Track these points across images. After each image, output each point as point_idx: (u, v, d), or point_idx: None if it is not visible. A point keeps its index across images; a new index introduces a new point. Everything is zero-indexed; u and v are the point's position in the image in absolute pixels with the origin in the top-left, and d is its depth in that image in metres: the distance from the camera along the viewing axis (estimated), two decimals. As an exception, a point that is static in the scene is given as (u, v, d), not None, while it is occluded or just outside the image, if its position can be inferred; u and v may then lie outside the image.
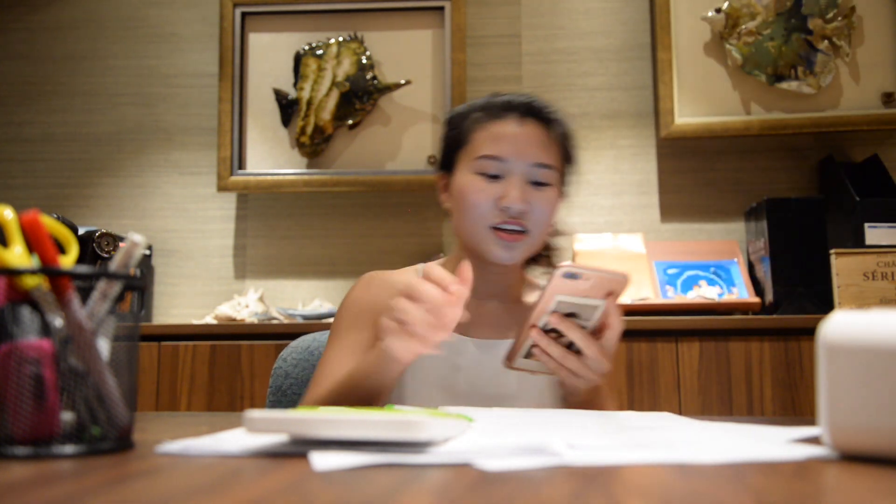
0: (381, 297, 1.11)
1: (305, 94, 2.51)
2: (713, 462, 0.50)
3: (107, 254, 0.79)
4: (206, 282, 2.52)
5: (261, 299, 2.31)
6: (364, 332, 1.10)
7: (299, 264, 2.51)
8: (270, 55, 2.54)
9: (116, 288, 0.58)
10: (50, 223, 0.58)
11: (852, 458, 0.52)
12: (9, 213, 0.58)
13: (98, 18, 2.65)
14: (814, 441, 0.58)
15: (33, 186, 2.60)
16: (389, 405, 0.99)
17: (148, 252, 2.47)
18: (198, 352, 1.99)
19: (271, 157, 2.51)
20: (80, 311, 0.56)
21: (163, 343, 2.00)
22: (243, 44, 2.54)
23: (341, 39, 2.52)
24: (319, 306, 2.34)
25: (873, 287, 1.91)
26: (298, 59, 2.52)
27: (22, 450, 0.52)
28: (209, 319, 2.27)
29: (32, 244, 0.56)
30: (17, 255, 0.57)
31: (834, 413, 0.52)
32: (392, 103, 2.51)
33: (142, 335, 0.63)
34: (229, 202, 2.56)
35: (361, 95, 2.49)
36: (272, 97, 2.53)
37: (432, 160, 2.45)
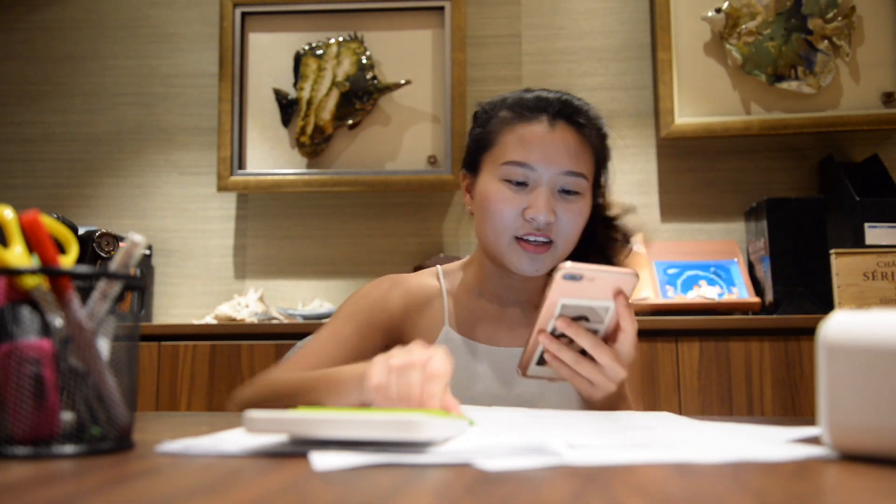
0: (390, 298, 1.09)
1: (305, 94, 2.51)
2: (713, 462, 0.50)
3: (107, 254, 0.79)
4: (206, 282, 2.52)
5: (261, 299, 2.31)
6: (359, 329, 1.06)
7: (299, 264, 2.51)
8: (270, 55, 2.54)
9: (116, 288, 0.58)
10: (50, 223, 0.58)
11: (852, 458, 0.52)
12: (9, 213, 0.58)
13: (98, 18, 2.65)
14: (814, 441, 0.58)
15: (33, 186, 2.60)
16: None
17: (148, 252, 2.47)
18: (198, 352, 1.99)
19: (271, 157, 2.51)
20: (80, 311, 0.56)
21: (163, 343, 2.00)
22: (243, 44, 2.54)
23: (341, 39, 2.52)
24: (319, 306, 2.34)
25: (873, 287, 1.91)
26: (298, 59, 2.52)
27: (22, 450, 0.52)
28: (209, 319, 2.27)
29: (32, 244, 0.56)
30: (17, 255, 0.57)
31: (834, 413, 0.52)
32: (392, 103, 2.51)
33: (142, 335, 0.63)
34: (229, 202, 2.56)
35: (361, 95, 2.49)
36: (272, 97, 2.53)
37: (432, 160, 2.45)
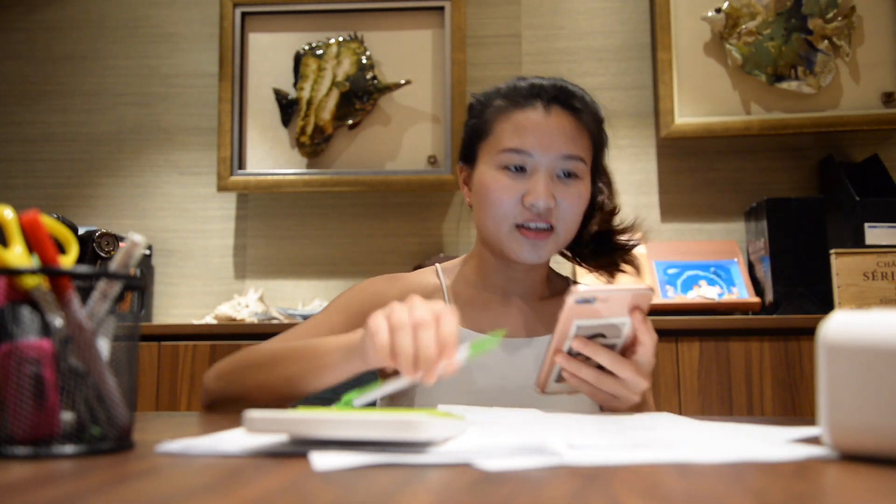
0: (387, 293, 1.07)
1: (305, 94, 2.51)
2: (713, 462, 0.50)
3: (107, 254, 0.79)
4: (206, 282, 2.52)
5: (261, 299, 2.31)
6: (351, 319, 1.04)
7: (299, 264, 2.51)
8: (270, 55, 2.54)
9: (116, 288, 0.58)
10: (50, 223, 0.58)
11: (852, 458, 0.52)
12: (9, 213, 0.58)
13: (98, 18, 2.65)
14: (814, 441, 0.58)
15: (33, 186, 2.60)
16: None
17: (148, 252, 2.47)
18: (198, 352, 1.99)
19: (271, 157, 2.51)
20: (80, 311, 0.56)
21: (163, 343, 2.00)
22: (243, 44, 2.54)
23: (341, 39, 2.52)
24: (319, 306, 2.34)
25: (873, 287, 1.91)
26: (298, 59, 2.52)
27: (22, 450, 0.52)
28: (209, 319, 2.27)
29: (32, 244, 0.56)
30: (17, 255, 0.57)
31: (834, 413, 0.52)
32: (392, 103, 2.51)
33: (142, 335, 0.63)
34: (229, 202, 2.56)
35: (361, 95, 2.49)
36: (272, 97, 2.53)
37: (432, 160, 2.45)
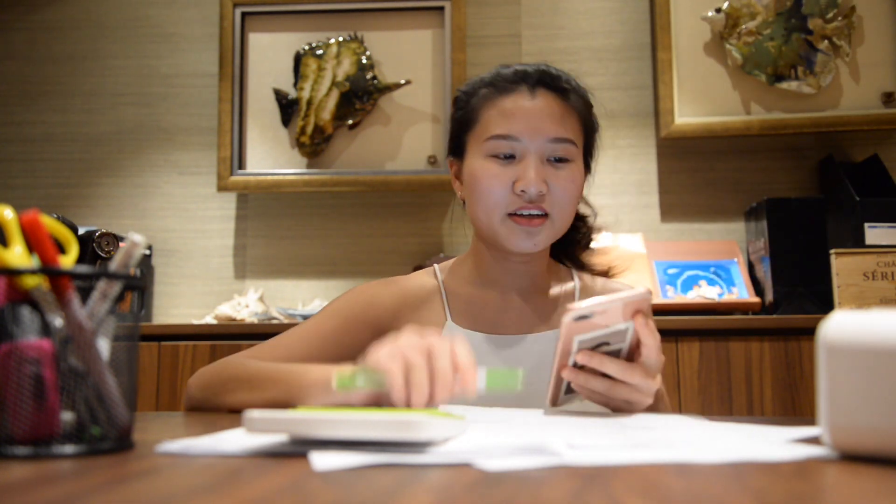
0: (383, 296, 1.05)
1: (305, 94, 2.51)
2: (713, 462, 0.50)
3: (107, 254, 0.79)
4: (206, 282, 2.52)
5: (261, 299, 2.31)
6: (344, 324, 1.02)
7: (299, 264, 2.51)
8: (270, 55, 2.54)
9: (116, 288, 0.58)
10: (50, 223, 0.58)
11: (852, 458, 0.52)
12: (9, 213, 0.58)
13: (98, 18, 2.65)
14: (814, 441, 0.58)
15: (33, 186, 2.60)
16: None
17: (148, 252, 2.47)
18: (198, 352, 1.99)
19: (271, 157, 2.51)
20: (80, 311, 0.56)
21: (163, 343, 2.00)
22: (243, 44, 2.54)
23: (341, 39, 2.52)
24: (319, 306, 2.34)
25: (873, 287, 1.91)
26: (298, 59, 2.52)
27: (22, 450, 0.52)
28: (209, 319, 2.27)
29: (32, 244, 0.56)
30: (17, 255, 0.57)
31: (834, 413, 0.52)
32: (392, 103, 2.51)
33: (142, 335, 0.63)
34: (229, 202, 2.56)
35: (361, 95, 2.49)
36: (272, 97, 2.53)
37: (432, 160, 2.45)
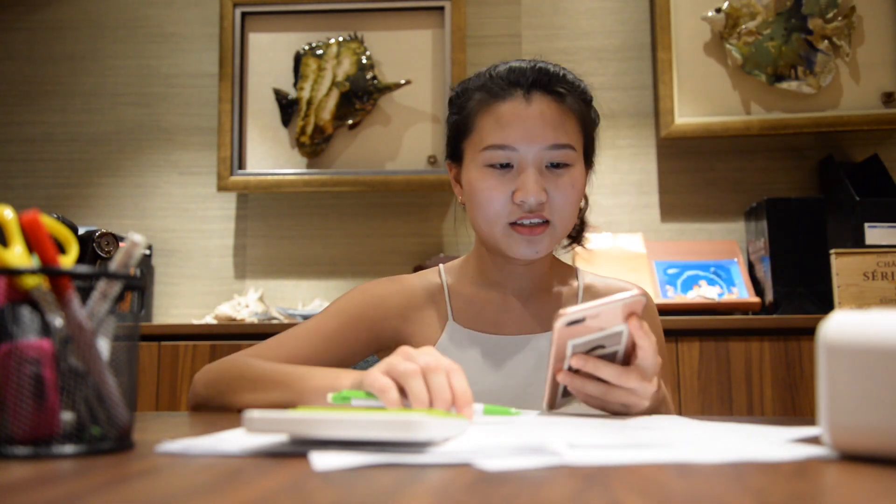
0: (387, 295, 1.07)
1: (305, 94, 2.51)
2: (713, 462, 0.50)
3: (107, 254, 0.79)
4: (206, 282, 2.52)
5: (261, 299, 2.31)
6: (347, 323, 1.04)
7: (299, 264, 2.51)
8: (270, 55, 2.54)
9: (116, 288, 0.58)
10: (50, 223, 0.58)
11: (852, 458, 0.52)
12: (9, 213, 0.58)
13: (98, 18, 2.65)
14: (814, 441, 0.58)
15: (33, 186, 2.60)
16: None
17: (148, 252, 2.47)
18: (198, 352, 1.99)
19: (271, 157, 2.51)
20: (80, 311, 0.56)
21: (163, 343, 2.00)
22: (243, 44, 2.54)
23: (341, 39, 2.52)
24: (319, 306, 2.34)
25: (873, 287, 1.91)
26: (298, 59, 2.52)
27: (22, 450, 0.52)
28: (209, 319, 2.27)
29: (32, 244, 0.56)
30: (17, 255, 0.57)
31: (834, 413, 0.52)
32: (392, 103, 2.51)
33: (142, 335, 0.63)
34: (229, 202, 2.56)
35: (361, 95, 2.49)
36: (272, 97, 2.53)
37: (432, 160, 2.45)
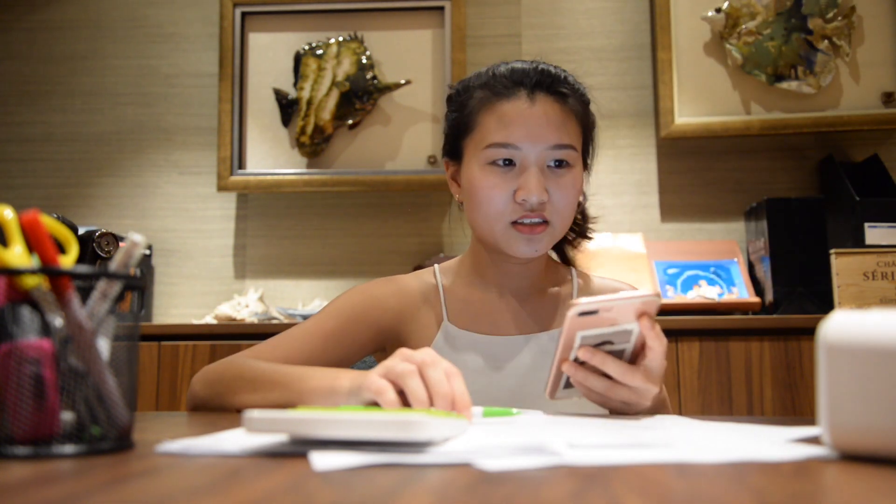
0: (385, 296, 1.07)
1: (305, 94, 2.51)
2: (713, 462, 0.50)
3: (107, 254, 0.79)
4: (206, 282, 2.52)
5: (261, 299, 2.31)
6: (346, 324, 1.04)
7: (299, 264, 2.51)
8: (270, 55, 2.54)
9: (116, 288, 0.58)
10: (50, 223, 0.58)
11: (852, 458, 0.52)
12: (9, 213, 0.58)
13: (98, 18, 2.65)
14: (814, 441, 0.58)
15: (33, 186, 2.60)
16: None
17: (148, 252, 2.47)
18: (198, 352, 1.99)
19: (271, 157, 2.51)
20: (80, 311, 0.56)
21: (163, 343, 2.00)
22: (243, 44, 2.54)
23: (341, 39, 2.52)
24: (319, 306, 2.34)
25: (873, 287, 1.91)
26: (298, 59, 2.52)
27: (22, 450, 0.52)
28: (209, 319, 2.27)
29: (32, 244, 0.56)
30: (17, 255, 0.57)
31: (834, 413, 0.52)
32: (392, 103, 2.51)
33: (142, 335, 0.63)
34: (229, 202, 2.56)
35: (361, 95, 2.49)
36: (272, 97, 2.53)
37: (432, 160, 2.45)
